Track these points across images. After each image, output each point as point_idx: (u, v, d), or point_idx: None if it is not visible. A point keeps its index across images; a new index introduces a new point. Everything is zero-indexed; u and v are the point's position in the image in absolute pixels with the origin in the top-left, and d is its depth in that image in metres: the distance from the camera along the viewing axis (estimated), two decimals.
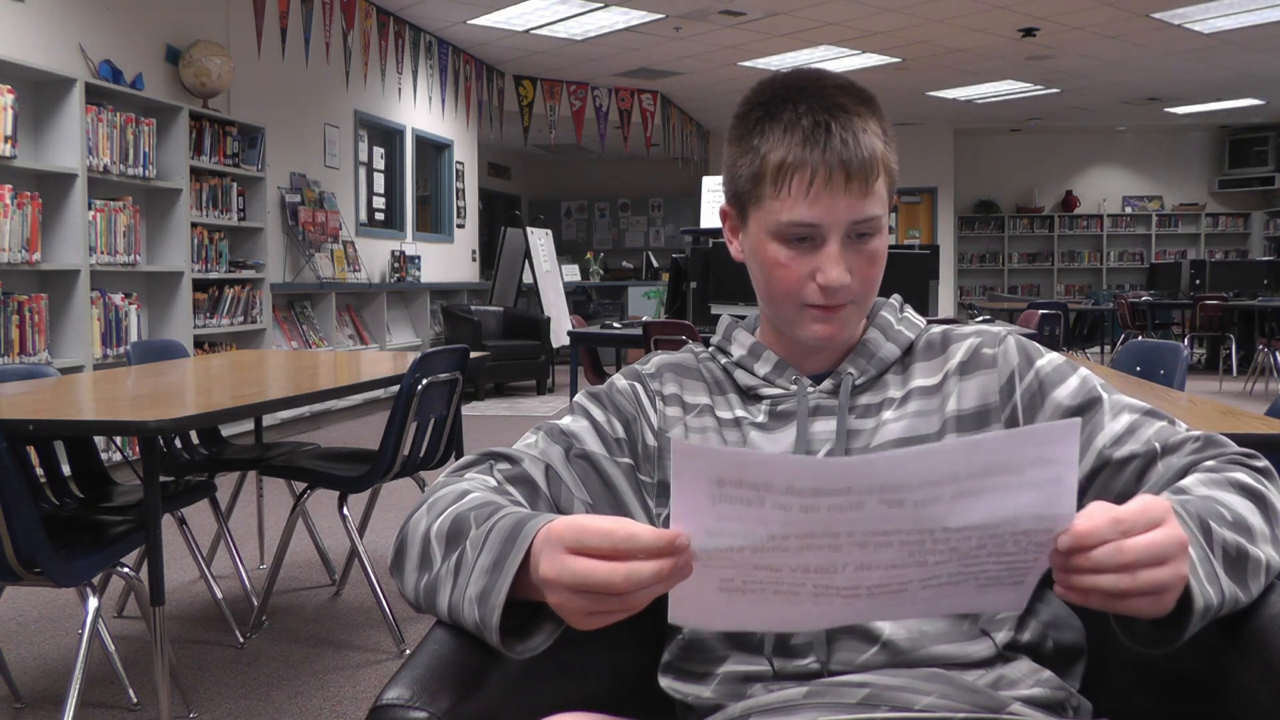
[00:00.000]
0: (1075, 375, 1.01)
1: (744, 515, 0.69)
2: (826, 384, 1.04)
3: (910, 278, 4.14)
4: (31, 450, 2.50)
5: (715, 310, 4.45)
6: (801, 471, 0.68)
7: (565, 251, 13.07)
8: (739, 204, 1.03)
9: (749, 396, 1.07)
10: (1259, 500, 0.88)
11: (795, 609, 0.75)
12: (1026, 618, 0.97)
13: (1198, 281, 10.48)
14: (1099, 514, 0.72)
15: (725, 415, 1.06)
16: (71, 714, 1.99)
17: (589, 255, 13.14)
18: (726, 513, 0.69)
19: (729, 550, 0.70)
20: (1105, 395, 1.00)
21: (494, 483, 0.98)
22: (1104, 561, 0.72)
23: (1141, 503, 0.74)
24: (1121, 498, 0.95)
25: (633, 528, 0.72)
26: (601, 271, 12.81)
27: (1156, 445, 0.96)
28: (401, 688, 0.81)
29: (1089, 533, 0.71)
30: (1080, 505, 0.73)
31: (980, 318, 6.71)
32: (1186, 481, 0.90)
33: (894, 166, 1.01)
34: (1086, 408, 0.99)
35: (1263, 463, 0.93)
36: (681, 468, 0.69)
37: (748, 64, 9.59)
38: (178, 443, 3.19)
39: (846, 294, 0.99)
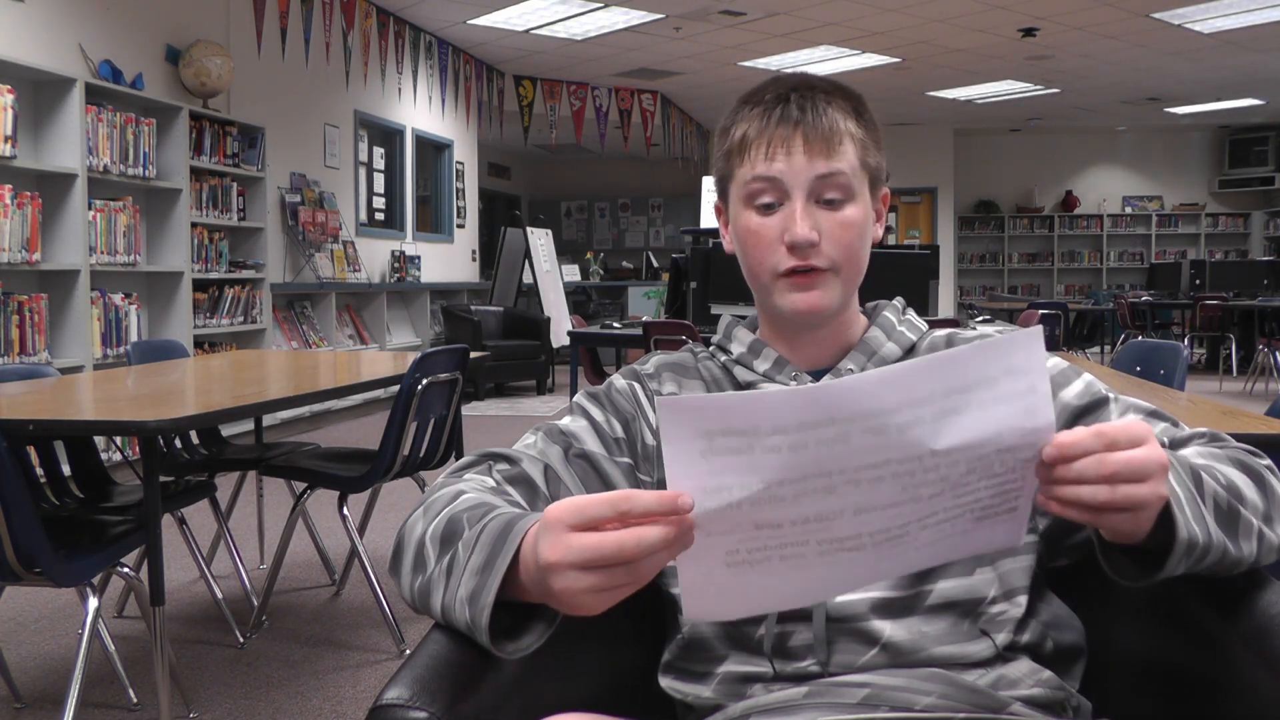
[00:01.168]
0: (1080, 379, 1.03)
1: (737, 466, 0.69)
2: (826, 379, 1.04)
3: (910, 278, 4.14)
4: (31, 450, 2.50)
5: (715, 310, 4.45)
6: (782, 403, 0.69)
7: (565, 251, 13.08)
8: (722, 189, 1.07)
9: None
10: (1257, 479, 0.89)
11: (804, 573, 0.75)
12: (1026, 618, 0.98)
13: (1198, 281, 10.48)
14: (1082, 429, 0.75)
15: None
16: (71, 714, 1.99)
17: (589, 255, 13.14)
18: (719, 466, 0.69)
19: (728, 507, 0.70)
20: (1112, 396, 1.02)
21: (492, 483, 0.98)
22: (1085, 472, 0.74)
23: (1126, 422, 0.76)
24: None
25: (631, 490, 0.73)
26: (601, 271, 12.80)
27: (1164, 440, 0.96)
28: (401, 688, 0.81)
29: (1073, 443, 0.73)
30: None
31: (980, 318, 6.71)
32: (1185, 451, 0.92)
33: (870, 146, 1.02)
34: (1094, 407, 1.00)
35: (1266, 460, 0.94)
36: (669, 428, 0.69)
37: (748, 64, 9.59)
38: (178, 443, 3.19)
39: (818, 256, 0.99)
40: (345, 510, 2.88)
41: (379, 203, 8.50)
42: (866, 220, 1.02)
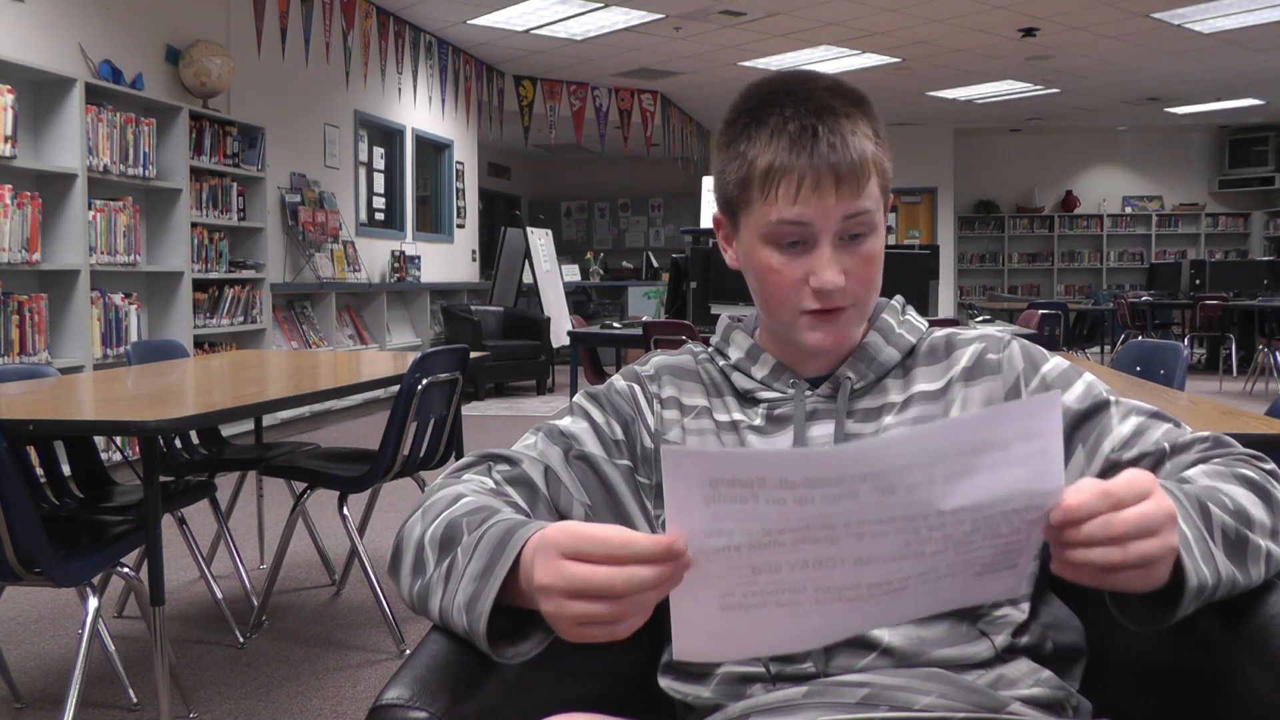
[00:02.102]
0: (1081, 380, 1.01)
1: (738, 513, 0.68)
2: (824, 388, 1.04)
3: (910, 278, 4.14)
4: (31, 450, 2.50)
5: (715, 310, 4.45)
6: (793, 464, 0.68)
7: (565, 251, 13.08)
8: (730, 210, 1.02)
9: (746, 399, 1.06)
10: (1263, 494, 0.88)
11: (800, 622, 0.74)
12: (1027, 620, 0.97)
13: (1198, 281, 10.48)
14: (1088, 487, 0.73)
15: (723, 418, 1.05)
16: (71, 714, 1.99)
17: (589, 255, 13.14)
18: (721, 512, 0.68)
19: (727, 549, 0.70)
20: (1112, 399, 1.00)
21: (492, 484, 0.98)
22: (1094, 535, 0.73)
23: (1129, 475, 0.75)
24: None
25: (628, 535, 0.71)
26: (601, 271, 12.81)
27: (1165, 445, 0.95)
28: (401, 688, 0.81)
29: (1079, 506, 0.72)
30: None
31: (980, 318, 6.71)
32: (1191, 473, 0.91)
33: (887, 167, 0.99)
34: (1094, 411, 0.99)
35: (1270, 465, 0.93)
36: (673, 472, 0.68)
37: (748, 64, 9.59)
38: (178, 443, 3.19)
39: (843, 296, 0.97)
40: (345, 510, 2.88)
41: (379, 203, 8.50)
42: (883, 246, 1.00)
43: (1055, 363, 1.03)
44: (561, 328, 8.84)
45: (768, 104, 0.97)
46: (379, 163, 8.48)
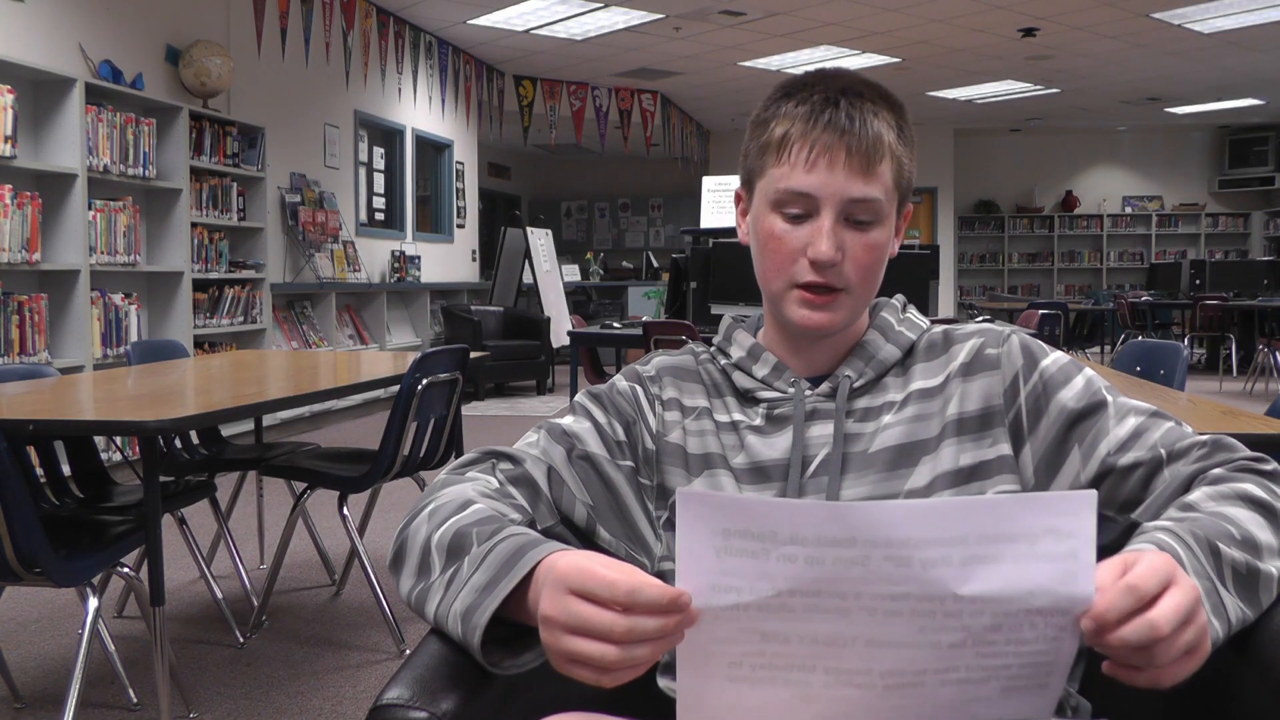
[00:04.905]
0: (1080, 376, 1.00)
1: (750, 569, 0.68)
2: (824, 387, 1.04)
3: (910, 278, 4.14)
4: (31, 450, 2.50)
5: (715, 310, 4.45)
6: (804, 513, 0.67)
7: (565, 251, 13.08)
8: (748, 181, 1.04)
9: (746, 399, 1.06)
10: (1269, 513, 0.87)
11: (807, 707, 0.72)
12: None
13: (1198, 281, 10.48)
14: (1109, 584, 0.70)
15: (723, 419, 1.05)
16: (71, 714, 1.99)
17: (589, 255, 13.14)
18: (731, 566, 0.68)
19: (735, 608, 0.69)
20: (1110, 398, 0.99)
21: (496, 483, 0.98)
22: (1133, 639, 0.69)
23: (1149, 562, 0.72)
24: (1128, 505, 0.95)
25: (637, 580, 0.71)
26: (601, 271, 12.81)
27: (1162, 451, 0.95)
28: (401, 688, 0.81)
29: (1108, 609, 0.69)
30: None
31: (980, 318, 6.71)
32: (1194, 497, 0.89)
33: (906, 164, 1.00)
34: (1091, 411, 0.98)
35: (1271, 465, 0.92)
36: (686, 516, 0.68)
37: (748, 64, 9.59)
38: (178, 443, 3.19)
39: (837, 277, 0.98)
40: (345, 510, 2.88)
41: (379, 203, 8.49)
42: (889, 241, 1.01)
43: (1055, 358, 1.02)
44: (561, 328, 8.84)
45: (801, 84, 1.01)
46: (379, 163, 8.47)
